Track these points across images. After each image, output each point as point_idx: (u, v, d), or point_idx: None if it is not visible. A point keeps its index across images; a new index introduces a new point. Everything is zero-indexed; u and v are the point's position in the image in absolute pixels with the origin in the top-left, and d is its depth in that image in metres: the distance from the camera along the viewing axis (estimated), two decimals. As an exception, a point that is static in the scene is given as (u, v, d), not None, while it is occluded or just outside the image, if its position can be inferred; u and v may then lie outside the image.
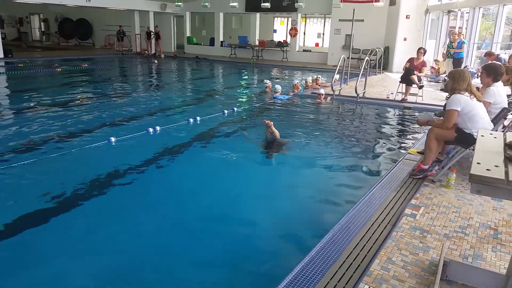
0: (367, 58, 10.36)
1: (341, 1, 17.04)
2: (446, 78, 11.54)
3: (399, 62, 15.67)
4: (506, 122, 4.87)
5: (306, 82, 11.91)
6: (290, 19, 21.18)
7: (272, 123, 5.85)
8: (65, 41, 27.37)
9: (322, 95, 9.83)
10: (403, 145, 6.47)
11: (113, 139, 6.04)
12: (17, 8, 27.80)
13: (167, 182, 4.82)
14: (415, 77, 9.18)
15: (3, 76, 13.29)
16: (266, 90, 10.87)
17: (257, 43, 21.42)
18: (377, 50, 14.68)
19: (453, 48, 11.69)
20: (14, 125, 7.07)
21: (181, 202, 4.28)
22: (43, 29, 29.83)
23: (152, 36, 21.58)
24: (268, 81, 11.42)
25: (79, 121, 7.43)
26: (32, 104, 8.79)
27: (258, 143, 5.81)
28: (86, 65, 16.46)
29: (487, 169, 1.90)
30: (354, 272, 2.65)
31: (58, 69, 14.89)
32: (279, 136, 5.89)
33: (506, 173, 1.89)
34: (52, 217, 3.79)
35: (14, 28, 29.26)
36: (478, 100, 4.13)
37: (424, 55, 9.44)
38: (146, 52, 22.04)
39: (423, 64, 9.37)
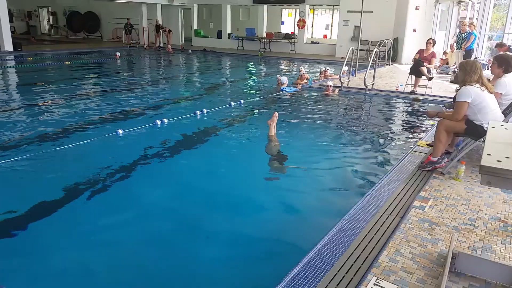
0: (376, 49, 10.26)
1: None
2: (456, 69, 11.42)
3: (408, 53, 15.51)
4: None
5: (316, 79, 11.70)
6: (298, 11, 21.04)
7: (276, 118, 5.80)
8: (73, 34, 27.47)
9: (330, 87, 9.77)
10: (412, 137, 6.42)
11: (120, 131, 6.07)
12: (26, 1, 27.99)
13: (173, 175, 4.83)
14: (424, 69, 9.10)
15: (12, 69, 13.41)
16: (278, 83, 10.71)
17: (264, 35, 21.32)
18: (386, 41, 14.55)
19: (462, 40, 11.52)
20: (23, 117, 7.14)
21: (187, 194, 4.30)
22: (51, 23, 29.94)
23: (161, 29, 21.53)
24: (279, 75, 11.27)
25: (87, 113, 7.48)
26: (40, 97, 8.85)
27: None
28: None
29: (498, 161, 1.89)
30: (362, 264, 2.64)
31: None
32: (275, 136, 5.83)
33: (517, 164, 1.87)
34: (59, 208, 3.84)
35: (23, 21, 29.42)
36: (489, 91, 4.08)
37: (433, 46, 9.33)
38: (154, 44, 22.01)
39: (433, 55, 9.26)
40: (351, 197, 4.08)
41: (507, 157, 1.93)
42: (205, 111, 7.53)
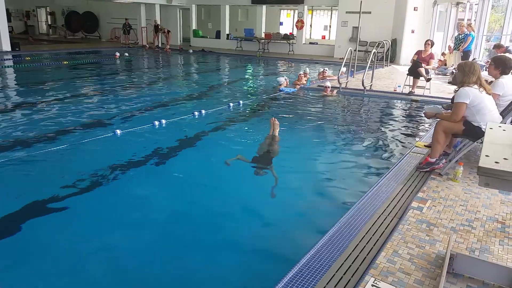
0: (374, 50, 10.27)
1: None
2: (454, 71, 11.43)
3: (406, 54, 15.54)
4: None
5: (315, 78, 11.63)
6: (296, 11, 21.03)
7: (279, 124, 5.78)
8: (72, 34, 27.40)
9: (329, 88, 9.78)
10: (410, 138, 6.43)
11: (118, 131, 6.06)
12: (24, 1, 27.91)
13: (170, 176, 4.82)
14: (422, 70, 9.10)
15: (11, 69, 13.37)
16: (284, 83, 10.65)
17: (263, 35, 21.31)
18: (384, 42, 14.56)
19: (460, 41, 11.54)
20: (21, 117, 7.11)
21: (185, 194, 4.29)
22: (49, 23, 29.87)
23: (159, 30, 21.48)
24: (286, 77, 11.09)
25: (85, 113, 7.46)
26: (38, 97, 8.82)
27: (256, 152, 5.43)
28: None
29: (496, 162, 1.88)
30: (360, 265, 2.64)
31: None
32: (278, 140, 5.79)
33: (515, 165, 1.86)
34: (56, 208, 3.83)
35: (21, 21, 29.35)
36: (487, 93, 4.08)
37: (432, 47, 9.34)
38: (153, 44, 21.96)
39: (431, 56, 9.28)
40: (349, 198, 4.08)
41: (505, 159, 1.93)
42: (203, 111, 7.52)
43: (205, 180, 4.67)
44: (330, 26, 24.41)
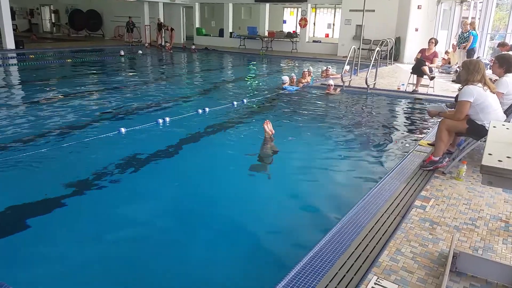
0: (377, 48, 10.24)
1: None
2: (458, 69, 11.40)
3: (410, 53, 15.47)
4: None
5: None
6: (300, 10, 21.00)
7: (273, 132, 5.71)
8: (75, 32, 27.46)
9: (332, 86, 9.76)
10: (413, 136, 6.41)
11: (123, 129, 6.08)
12: (28, -1, 28.03)
13: (173, 174, 4.83)
14: (426, 68, 9.07)
15: (15, 67, 13.41)
16: (287, 82, 10.62)
17: (266, 34, 21.28)
18: (388, 40, 14.53)
19: (464, 39, 11.50)
20: (25, 115, 7.14)
21: (188, 192, 4.30)
22: (53, 21, 29.93)
23: (163, 27, 21.51)
24: (289, 76, 10.94)
25: (90, 111, 7.49)
26: (43, 95, 8.86)
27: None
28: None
29: (499, 160, 1.89)
30: (363, 263, 2.65)
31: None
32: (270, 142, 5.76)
33: (518, 164, 1.86)
34: (60, 206, 3.85)
35: (25, 19, 29.40)
36: (492, 91, 4.07)
37: (435, 45, 9.31)
38: (156, 43, 21.97)
39: (435, 55, 9.24)
40: (352, 196, 4.07)
41: (508, 157, 1.93)
42: (207, 109, 7.53)
43: (207, 178, 4.68)
44: (333, 24, 24.36)
